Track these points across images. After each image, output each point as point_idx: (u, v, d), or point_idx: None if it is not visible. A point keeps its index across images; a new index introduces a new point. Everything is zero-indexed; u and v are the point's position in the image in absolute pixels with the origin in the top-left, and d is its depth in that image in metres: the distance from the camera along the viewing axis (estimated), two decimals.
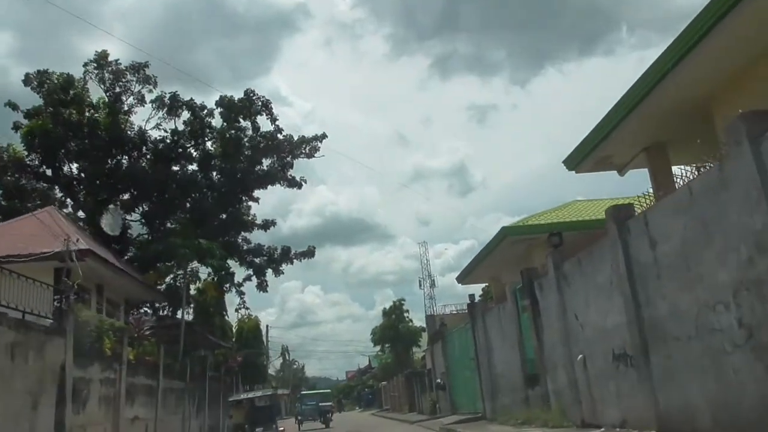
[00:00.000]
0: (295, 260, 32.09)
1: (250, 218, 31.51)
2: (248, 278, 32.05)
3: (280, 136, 27.16)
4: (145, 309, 24.90)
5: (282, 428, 21.49)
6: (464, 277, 25.62)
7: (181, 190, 25.19)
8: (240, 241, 31.29)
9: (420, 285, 60.41)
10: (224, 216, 28.48)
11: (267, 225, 32.27)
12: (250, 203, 31.13)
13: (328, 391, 45.74)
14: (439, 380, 27.13)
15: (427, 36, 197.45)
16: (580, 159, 14.16)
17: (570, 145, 15.45)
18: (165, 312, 25.90)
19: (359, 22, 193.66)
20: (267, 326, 55.70)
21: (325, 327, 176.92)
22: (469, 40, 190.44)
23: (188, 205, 26.36)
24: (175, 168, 24.98)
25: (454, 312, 31.07)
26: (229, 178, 27.47)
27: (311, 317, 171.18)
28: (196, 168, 26.27)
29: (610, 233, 10.60)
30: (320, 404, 33.84)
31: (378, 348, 51.82)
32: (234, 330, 51.87)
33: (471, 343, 21.37)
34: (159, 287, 23.48)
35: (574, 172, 14.89)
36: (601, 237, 11.30)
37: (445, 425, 19.79)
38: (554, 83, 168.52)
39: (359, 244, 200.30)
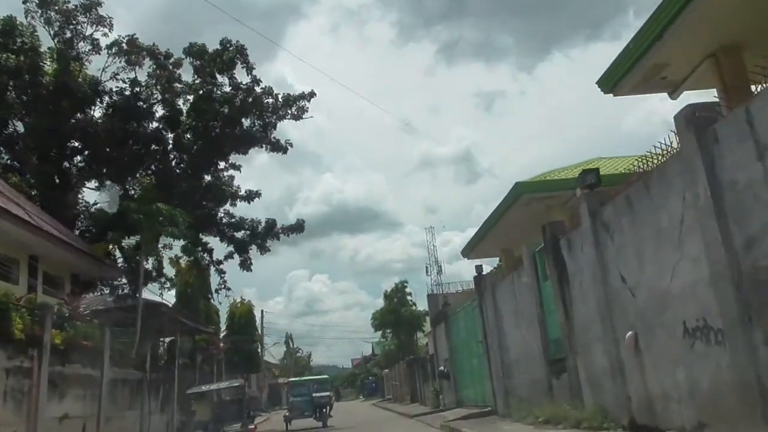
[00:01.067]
0: (282, 235, 28.71)
1: (233, 190, 28.09)
2: (230, 255, 28.71)
3: (258, 89, 23.70)
4: (102, 288, 21.67)
5: (253, 426, 18.20)
6: (471, 250, 22.17)
7: (142, 148, 21.82)
8: (222, 213, 27.90)
9: (427, 271, 57.89)
10: (200, 184, 25.12)
11: (251, 196, 28.80)
12: (232, 173, 27.75)
13: (325, 377, 30.61)
14: (442, 368, 23.82)
15: (433, 22, 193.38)
16: (622, 73, 10.59)
17: (578, 128, 11.96)
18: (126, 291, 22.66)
19: (365, 8, 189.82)
20: (262, 311, 52.53)
21: (333, 315, 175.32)
22: (475, 26, 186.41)
23: (153, 167, 22.99)
24: (136, 125, 21.55)
25: (460, 291, 27.70)
26: (201, 139, 24.08)
27: (318, 306, 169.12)
28: (161, 126, 22.84)
29: (684, 148, 7.14)
30: (315, 395, 24.71)
31: (380, 333, 48.61)
32: (226, 315, 49.02)
33: (479, 323, 18.02)
34: (115, 261, 20.17)
35: (611, 95, 11.33)
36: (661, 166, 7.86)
37: (448, 421, 16.48)
38: (561, 69, 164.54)
39: (366, 232, 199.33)
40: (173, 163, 24.07)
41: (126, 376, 18.12)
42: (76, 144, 20.63)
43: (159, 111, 23.56)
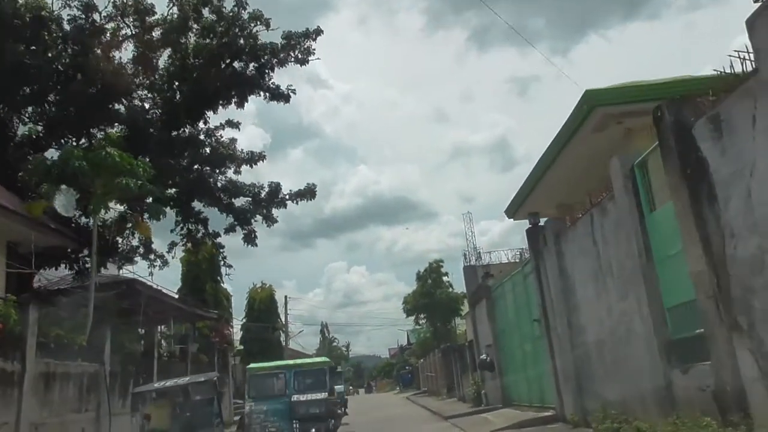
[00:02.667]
0: (288, 202, 24.18)
1: (232, 152, 23.61)
2: (232, 228, 24.34)
3: (244, 14, 19.10)
4: (62, 262, 17.47)
5: None
6: (518, 206, 17.11)
7: (102, 91, 17.53)
8: (220, 178, 23.46)
9: (465, 259, 54.76)
10: (182, 138, 20.74)
11: (253, 159, 24.28)
12: (228, 131, 23.37)
13: (323, 360, 16.56)
14: (483, 356, 18.97)
15: (463, 8, 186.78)
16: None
17: None
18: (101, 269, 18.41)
19: None
20: (285, 297, 48.13)
21: (372, 306, 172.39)
22: (507, 10, 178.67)
23: (119, 113, 18.67)
24: (93, 60, 17.18)
25: (505, 262, 22.67)
26: (181, 82, 19.66)
27: (357, 297, 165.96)
28: (125, 61, 18.47)
29: None
30: (296, 400, 13.63)
31: (412, 319, 43.74)
32: (245, 301, 44.87)
33: (533, 295, 13.19)
34: (68, 224, 15.86)
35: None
36: None
37: (496, 431, 11.77)
38: (597, 50, 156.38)
39: (402, 223, 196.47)
40: (146, 111, 19.70)
41: (69, 369, 13.86)
42: (14, 80, 16.26)
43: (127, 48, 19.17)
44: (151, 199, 17.11)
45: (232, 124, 23.38)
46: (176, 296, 27.51)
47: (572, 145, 12.51)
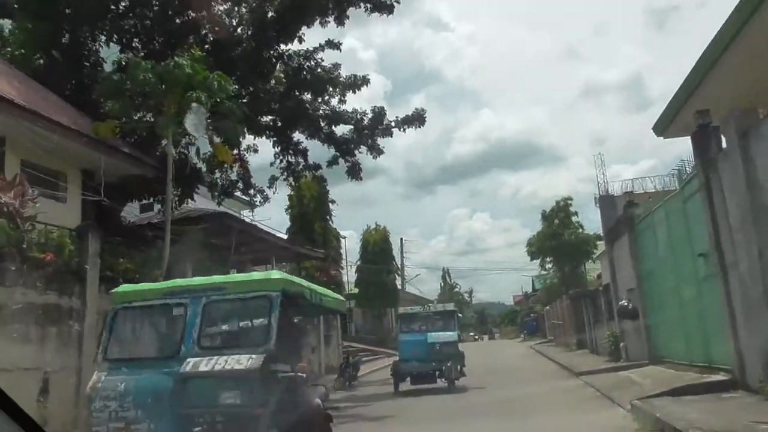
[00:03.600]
0: (395, 129, 21.82)
1: (332, 76, 21.41)
2: (334, 161, 22.44)
3: None
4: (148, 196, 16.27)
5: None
6: (675, 113, 13.28)
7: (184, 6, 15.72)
8: (322, 107, 21.49)
9: (596, 203, 50.81)
10: (274, 57, 18.79)
11: (356, 83, 21.95)
12: (335, 60, 21.42)
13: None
14: (624, 302, 15.68)
15: None
16: None
17: None
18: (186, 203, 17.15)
19: None
20: (401, 239, 46.24)
21: (496, 253, 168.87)
22: None
23: (202, 34, 16.95)
24: None
25: (652, 191, 18.69)
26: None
27: (480, 244, 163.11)
28: None
29: None
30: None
31: (537, 264, 40.22)
32: (359, 243, 43.60)
33: (698, 223, 9.87)
34: (145, 147, 14.42)
35: None
36: None
37: (648, 398, 8.85)
38: None
39: (528, 169, 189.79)
40: (234, 29, 17.86)
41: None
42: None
43: None
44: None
45: (333, 45, 21.11)
46: (282, 236, 26.39)
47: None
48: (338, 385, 16.87)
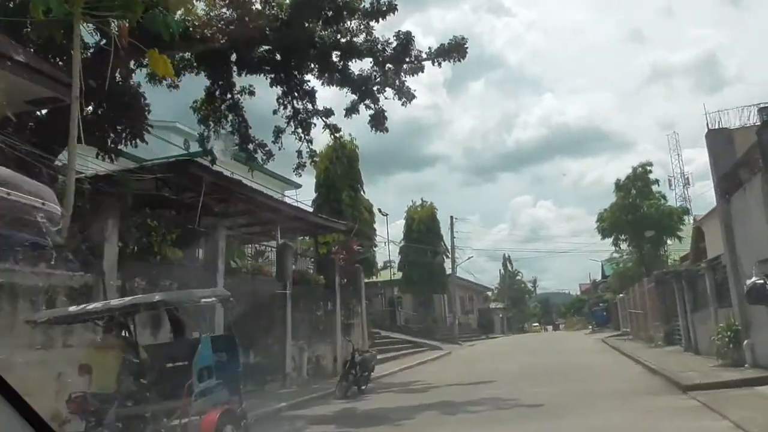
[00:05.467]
0: (426, 61, 17.12)
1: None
2: (354, 108, 17.96)
3: None
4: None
5: (217, 413, 6.55)
6: None
7: None
8: (332, 32, 17.00)
9: (670, 185, 48.91)
10: None
11: (379, 9, 17.19)
12: None
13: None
14: (754, 279, 10.49)
15: None
16: None
17: None
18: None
19: None
20: (451, 218, 41.02)
21: (560, 242, 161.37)
22: None
23: None
24: None
25: None
26: None
27: (544, 232, 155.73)
28: None
29: None
30: None
31: (609, 243, 34.28)
32: (404, 220, 38.91)
33: None
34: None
35: None
36: None
37: None
38: None
39: (592, 155, 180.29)
40: None
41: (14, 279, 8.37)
42: None
43: None
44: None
45: None
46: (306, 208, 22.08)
47: None
48: (338, 392, 12.38)
